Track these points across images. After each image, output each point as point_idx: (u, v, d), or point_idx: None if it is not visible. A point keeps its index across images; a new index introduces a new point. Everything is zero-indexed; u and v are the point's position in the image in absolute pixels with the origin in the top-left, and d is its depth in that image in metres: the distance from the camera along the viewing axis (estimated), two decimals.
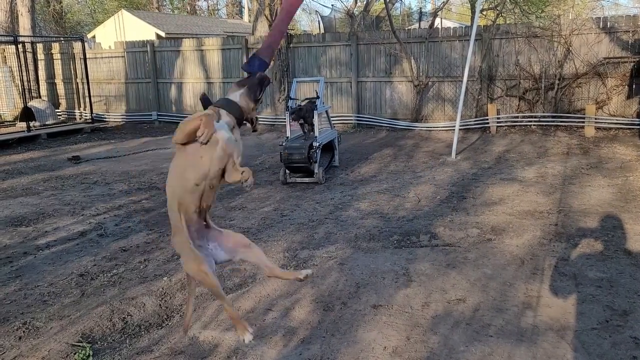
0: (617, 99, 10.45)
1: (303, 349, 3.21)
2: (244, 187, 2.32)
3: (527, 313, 3.53)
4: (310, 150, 7.22)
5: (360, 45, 12.36)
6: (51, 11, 28.47)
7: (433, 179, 7.38)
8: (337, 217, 5.81)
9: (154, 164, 9.18)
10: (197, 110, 14.60)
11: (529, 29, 10.94)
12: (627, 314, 3.45)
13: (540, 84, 10.84)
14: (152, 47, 14.61)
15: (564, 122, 10.72)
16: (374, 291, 3.94)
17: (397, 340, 3.25)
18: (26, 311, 3.86)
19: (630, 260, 4.31)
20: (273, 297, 3.91)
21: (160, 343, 3.37)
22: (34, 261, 4.85)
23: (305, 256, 4.70)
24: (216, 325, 3.54)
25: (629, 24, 10.25)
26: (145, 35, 20.40)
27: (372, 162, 8.83)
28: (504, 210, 5.81)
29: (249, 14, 31.63)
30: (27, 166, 9.35)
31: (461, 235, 5.06)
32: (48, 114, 13.58)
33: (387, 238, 5.08)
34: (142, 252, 4.98)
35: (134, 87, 15.14)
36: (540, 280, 4.00)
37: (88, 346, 3.32)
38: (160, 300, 3.95)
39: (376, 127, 12.27)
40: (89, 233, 5.60)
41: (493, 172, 7.67)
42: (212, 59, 14.02)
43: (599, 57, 10.41)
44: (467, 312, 3.57)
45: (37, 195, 7.21)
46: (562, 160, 8.15)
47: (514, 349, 3.11)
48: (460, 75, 11.08)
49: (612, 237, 4.85)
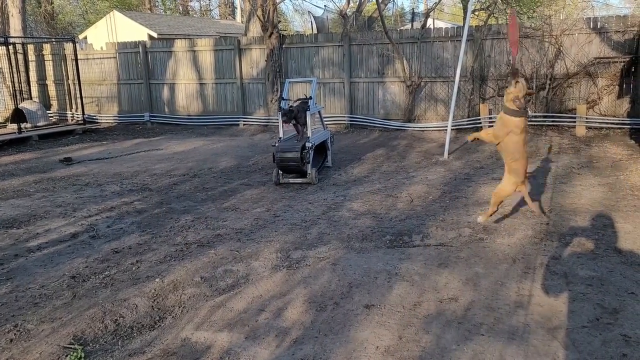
0: (608, 98, 10.53)
1: (296, 349, 3.21)
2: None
3: (519, 312, 3.55)
4: (303, 151, 7.22)
5: (353, 46, 12.38)
6: (42, 12, 28.32)
7: (425, 179, 7.40)
8: (330, 218, 5.81)
9: (146, 165, 9.15)
10: (190, 111, 14.64)
11: (520, 29, 10.98)
12: (617, 312, 3.48)
13: (531, 83, 10.90)
14: (144, 48, 14.57)
15: (555, 121, 10.79)
16: (366, 291, 3.95)
17: (389, 340, 3.26)
18: (17, 313, 3.84)
19: (621, 259, 4.34)
20: (266, 298, 3.91)
21: (153, 344, 3.36)
22: (25, 263, 4.82)
23: (298, 256, 4.70)
24: (209, 326, 3.53)
25: (619, 24, 10.33)
26: (137, 36, 20.33)
27: (365, 162, 8.84)
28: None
29: (241, 14, 31.57)
30: (18, 168, 9.29)
31: (453, 235, 5.08)
32: (39, 115, 13.51)
33: (380, 238, 5.09)
34: (134, 254, 4.96)
35: (126, 88, 15.08)
36: (531, 279, 4.02)
37: (80, 348, 3.30)
38: (153, 302, 3.94)
39: (369, 127, 12.30)
40: (80, 235, 5.57)
41: (485, 171, 7.71)
42: (204, 59, 14.00)
43: (589, 57, 10.49)
44: (459, 311, 3.58)
45: (28, 197, 7.16)
46: (553, 160, 8.20)
47: (506, 348, 3.13)
48: (452, 75, 11.14)
49: (602, 235, 4.89)
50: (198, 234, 5.44)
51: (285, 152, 7.26)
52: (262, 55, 13.20)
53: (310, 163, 7.37)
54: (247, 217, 5.97)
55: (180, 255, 4.86)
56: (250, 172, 8.41)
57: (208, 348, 3.28)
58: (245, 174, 8.25)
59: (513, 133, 4.47)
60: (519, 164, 4.56)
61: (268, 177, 7.94)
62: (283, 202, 6.56)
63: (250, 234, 5.38)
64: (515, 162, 4.55)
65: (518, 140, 4.46)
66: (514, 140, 4.47)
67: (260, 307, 3.77)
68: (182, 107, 14.51)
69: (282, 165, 7.31)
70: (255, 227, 5.60)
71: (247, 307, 3.80)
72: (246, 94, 13.75)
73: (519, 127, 4.44)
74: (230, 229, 5.57)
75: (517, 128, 4.44)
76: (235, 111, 13.91)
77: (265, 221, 5.80)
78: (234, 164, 9.10)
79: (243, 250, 4.90)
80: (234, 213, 6.16)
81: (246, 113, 13.78)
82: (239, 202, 6.64)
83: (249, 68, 13.58)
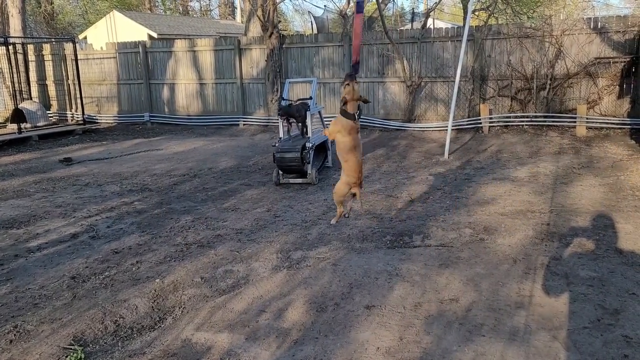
0: (608, 98, 10.52)
1: (296, 350, 3.20)
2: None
3: (520, 312, 3.54)
4: (303, 151, 7.21)
5: None
6: (42, 12, 28.31)
7: (426, 179, 7.40)
8: (330, 218, 5.80)
9: (146, 166, 9.14)
10: (190, 111, 14.64)
11: (521, 29, 10.99)
12: (618, 313, 3.47)
13: (532, 84, 10.90)
14: (144, 48, 14.56)
15: (555, 122, 10.78)
16: (367, 292, 3.94)
17: (390, 341, 3.26)
18: (17, 314, 3.83)
19: (622, 259, 4.33)
20: (266, 299, 3.91)
21: (153, 345, 3.35)
22: (25, 264, 4.81)
23: (298, 257, 4.70)
24: (209, 327, 3.53)
25: (619, 25, 10.33)
26: (137, 36, 20.32)
27: (365, 162, 8.83)
28: (496, 210, 5.83)
29: (241, 14, 31.57)
30: (18, 168, 9.28)
31: (454, 235, 5.08)
32: (39, 115, 13.50)
33: (380, 238, 5.08)
34: (134, 254, 4.95)
35: (126, 88, 15.08)
36: (532, 280, 4.02)
37: (80, 349, 3.29)
38: (153, 302, 3.93)
39: (369, 127, 12.29)
40: (80, 235, 5.56)
41: (485, 172, 7.70)
42: (204, 59, 13.99)
43: (590, 57, 10.49)
44: (460, 312, 3.58)
45: (28, 198, 7.16)
46: (554, 160, 8.19)
47: (507, 349, 3.12)
48: (452, 75, 11.13)
49: (603, 236, 4.88)
50: (198, 235, 5.43)
51: (285, 153, 7.25)
52: (262, 55, 13.19)
53: (311, 163, 7.37)
54: (247, 218, 5.96)
55: (181, 256, 4.85)
56: (250, 172, 8.40)
57: (208, 349, 3.28)
58: (246, 174, 8.24)
59: (340, 134, 4.44)
60: (349, 165, 4.54)
61: (268, 177, 7.93)
62: (283, 203, 6.56)
63: (251, 235, 5.37)
64: (345, 162, 4.55)
65: (346, 142, 4.44)
66: (342, 141, 4.46)
67: (260, 308, 3.77)
68: (182, 107, 14.51)
69: (282, 165, 7.30)
70: (255, 228, 5.59)
71: (248, 307, 3.79)
72: (246, 94, 13.75)
73: (346, 128, 4.42)
74: (230, 229, 5.56)
75: (344, 129, 4.42)
76: (235, 111, 13.90)
77: (266, 221, 5.79)
78: (234, 164, 9.09)
79: (243, 251, 4.89)
80: (234, 213, 6.16)
81: (246, 113, 13.77)
82: (239, 202, 6.64)
83: (249, 68, 13.57)
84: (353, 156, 4.50)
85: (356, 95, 4.40)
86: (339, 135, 4.46)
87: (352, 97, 4.38)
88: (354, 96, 4.38)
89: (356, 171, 4.57)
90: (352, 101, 4.39)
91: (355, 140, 4.48)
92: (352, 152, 4.49)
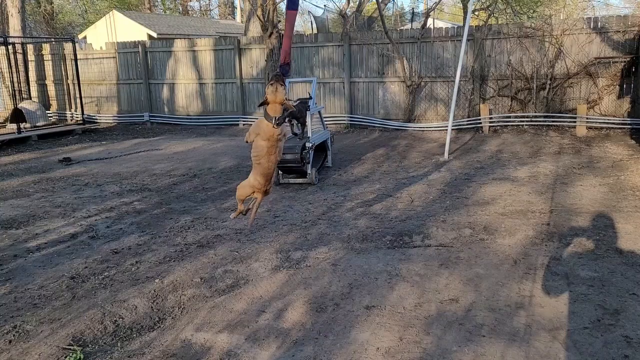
0: (608, 98, 10.52)
1: (296, 351, 3.19)
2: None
3: (520, 313, 3.53)
4: (303, 151, 7.21)
5: (353, 46, 12.36)
6: (42, 12, 28.30)
7: (426, 179, 7.39)
8: (330, 218, 5.80)
9: (146, 165, 9.14)
10: (189, 111, 14.62)
11: (521, 29, 10.99)
12: (618, 313, 3.47)
13: (532, 83, 10.89)
14: (144, 47, 14.55)
15: (555, 121, 10.78)
16: (367, 292, 3.93)
17: (390, 341, 3.25)
18: (16, 314, 3.82)
19: (622, 259, 4.33)
20: (266, 299, 3.90)
21: (152, 346, 3.35)
22: (25, 264, 4.80)
23: (298, 257, 4.69)
24: (209, 327, 3.52)
25: (619, 24, 10.32)
26: (136, 35, 20.31)
27: (365, 162, 8.83)
28: (496, 210, 5.82)
29: (241, 14, 31.57)
30: (17, 168, 9.27)
31: (454, 235, 5.07)
32: (39, 115, 13.49)
33: (380, 238, 5.08)
34: (134, 254, 4.94)
35: (126, 88, 15.07)
36: (532, 280, 4.01)
37: (79, 349, 3.28)
38: (152, 303, 3.93)
39: (369, 127, 12.28)
40: (80, 235, 5.56)
41: (485, 172, 7.70)
42: (204, 59, 13.98)
43: (590, 57, 10.48)
44: (460, 312, 3.57)
45: (27, 198, 7.15)
46: (554, 160, 8.19)
47: (507, 349, 3.12)
48: (452, 75, 11.13)
49: (603, 236, 4.87)
50: (198, 235, 5.43)
51: (285, 153, 7.23)
52: (262, 55, 13.18)
53: (310, 163, 7.36)
54: (247, 218, 5.93)
55: (180, 256, 4.84)
56: (250, 172, 8.38)
57: (208, 349, 3.27)
58: (245, 174, 8.17)
59: (259, 137, 3.97)
60: (257, 170, 4.15)
61: None
62: (283, 203, 6.55)
63: (250, 235, 5.36)
64: (257, 165, 4.13)
65: (262, 146, 3.99)
66: (258, 145, 4.00)
67: (260, 308, 3.76)
68: (182, 107, 14.50)
69: (282, 165, 7.29)
70: (255, 227, 5.58)
71: (247, 308, 3.78)
72: (246, 94, 13.74)
73: (265, 132, 3.94)
74: (230, 229, 5.56)
75: (264, 133, 3.95)
76: (235, 111, 13.89)
77: (266, 221, 5.79)
78: (233, 164, 9.09)
79: (243, 251, 4.89)
80: (233, 213, 6.14)
81: (246, 113, 13.76)
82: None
83: (249, 68, 13.57)
84: (266, 162, 4.09)
85: (279, 97, 3.91)
86: (258, 138, 4.03)
87: (274, 99, 3.90)
88: (277, 98, 3.91)
89: (264, 178, 4.20)
90: (274, 104, 3.90)
91: (272, 148, 4.04)
92: (266, 158, 4.08)
